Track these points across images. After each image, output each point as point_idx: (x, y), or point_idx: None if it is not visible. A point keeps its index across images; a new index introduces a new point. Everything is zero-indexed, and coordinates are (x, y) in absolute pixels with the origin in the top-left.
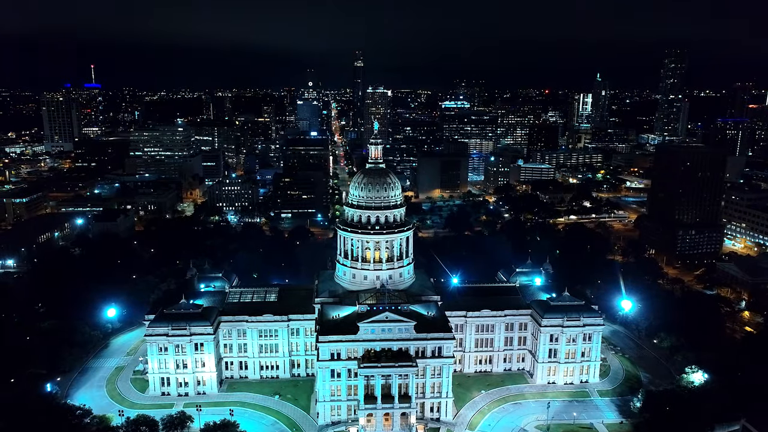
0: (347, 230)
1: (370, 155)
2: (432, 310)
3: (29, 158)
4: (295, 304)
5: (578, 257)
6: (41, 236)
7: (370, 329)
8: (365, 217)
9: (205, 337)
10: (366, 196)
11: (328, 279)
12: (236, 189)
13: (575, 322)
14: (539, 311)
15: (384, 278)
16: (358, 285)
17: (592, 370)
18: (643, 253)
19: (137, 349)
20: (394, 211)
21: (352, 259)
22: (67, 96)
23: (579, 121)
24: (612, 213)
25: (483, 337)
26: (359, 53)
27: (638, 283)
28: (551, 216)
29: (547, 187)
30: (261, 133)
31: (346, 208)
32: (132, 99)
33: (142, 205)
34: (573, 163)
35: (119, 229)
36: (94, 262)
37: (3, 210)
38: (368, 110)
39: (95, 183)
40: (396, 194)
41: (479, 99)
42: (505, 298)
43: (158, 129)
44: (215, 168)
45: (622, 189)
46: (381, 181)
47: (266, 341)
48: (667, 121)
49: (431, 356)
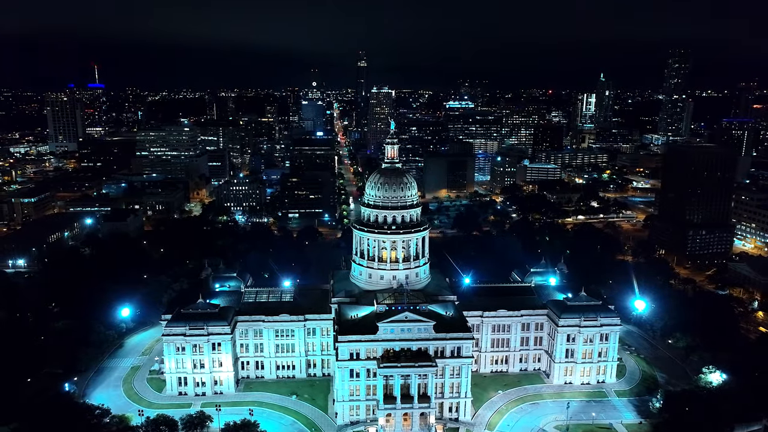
0: (363, 230)
1: (386, 155)
2: (450, 310)
3: (34, 158)
4: (311, 304)
5: (588, 257)
6: (51, 236)
7: (389, 329)
8: (382, 216)
9: (222, 336)
10: (383, 196)
11: (344, 279)
12: (244, 189)
13: (592, 322)
14: (556, 311)
15: (400, 278)
16: (374, 285)
17: (609, 370)
18: (653, 253)
19: (152, 348)
20: (410, 210)
21: (369, 258)
22: (71, 96)
23: (582, 121)
24: (620, 213)
25: (499, 337)
26: (362, 53)
27: (650, 283)
28: (559, 216)
29: (553, 187)
30: (264, 133)
31: (362, 208)
32: (135, 99)
33: (150, 205)
34: (578, 164)
35: (129, 228)
36: (105, 262)
37: (12, 210)
38: (372, 110)
39: (102, 183)
40: (412, 194)
41: (482, 99)
42: (520, 298)
43: (164, 129)
44: (221, 168)
45: (629, 189)
46: (398, 181)
47: (282, 341)
48: (671, 121)
49: (450, 356)
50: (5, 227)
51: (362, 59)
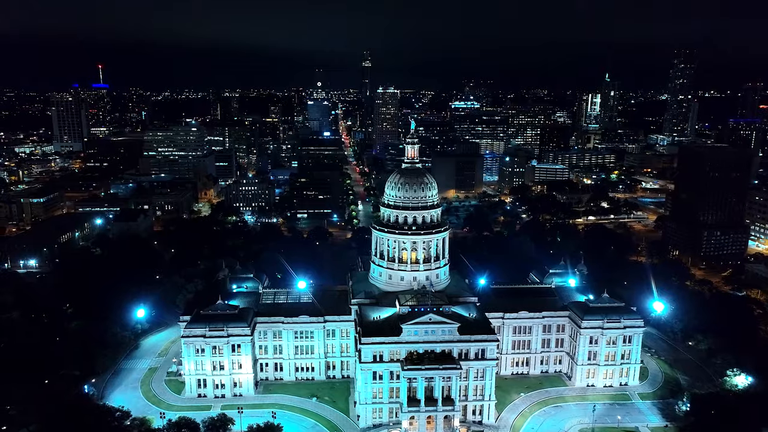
0: (383, 231)
1: (405, 155)
2: (472, 312)
3: (39, 158)
4: (330, 305)
5: (602, 258)
6: (62, 236)
7: (413, 331)
8: (402, 217)
9: (242, 338)
10: (403, 197)
11: (362, 280)
12: (253, 189)
13: (615, 324)
14: (578, 313)
15: (421, 279)
16: (394, 286)
17: (632, 372)
18: (667, 254)
19: (168, 350)
20: (431, 211)
21: (389, 260)
22: (76, 96)
23: (587, 121)
24: (631, 214)
25: (520, 339)
26: (367, 53)
27: (666, 285)
28: (569, 217)
29: (562, 187)
30: (269, 133)
31: (381, 209)
32: (138, 99)
33: (159, 205)
34: (585, 164)
35: (139, 229)
36: (117, 262)
37: (21, 210)
38: (378, 110)
39: (109, 183)
40: (433, 194)
41: (487, 99)
42: (541, 300)
43: (172, 129)
44: (228, 168)
45: (638, 189)
46: (418, 181)
47: (302, 343)
48: (677, 121)
49: (474, 358)
50: (14, 227)
51: (367, 59)
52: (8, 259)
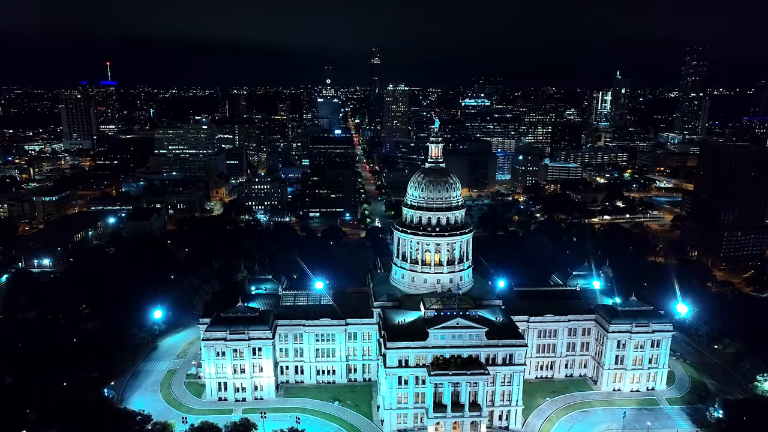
0: (406, 232)
1: (429, 154)
2: (498, 315)
3: (49, 156)
4: (352, 307)
5: (620, 259)
6: (75, 235)
7: (440, 335)
8: (425, 218)
9: (263, 341)
10: (426, 197)
11: (383, 282)
12: (265, 188)
13: (644, 328)
14: (605, 317)
15: (445, 282)
16: (417, 288)
17: (659, 377)
18: (686, 254)
19: (186, 351)
20: (455, 212)
21: (411, 262)
22: (85, 93)
23: (597, 119)
24: (647, 213)
25: (545, 342)
26: (376, 50)
27: (686, 286)
28: (584, 216)
29: (576, 186)
30: (278, 130)
31: (404, 209)
32: (147, 97)
33: (172, 203)
34: (598, 162)
35: (153, 227)
36: (132, 261)
37: (33, 208)
38: (388, 108)
39: (121, 181)
40: (457, 195)
41: (495, 97)
42: (566, 303)
43: (182, 127)
44: (239, 166)
45: (652, 188)
46: (442, 181)
47: (323, 345)
48: (688, 119)
49: (502, 363)
50: (27, 226)
51: (376, 56)
52: (22, 258)
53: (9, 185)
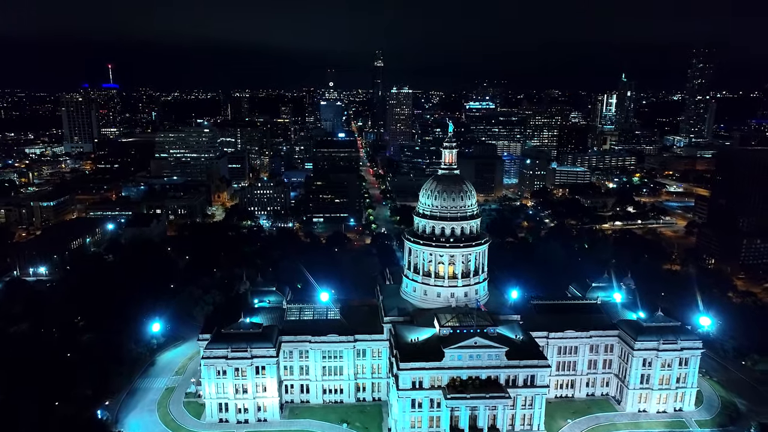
0: (418, 243)
1: (443, 160)
2: (517, 332)
3: (49, 159)
4: (360, 322)
5: (635, 267)
6: (73, 242)
7: (456, 355)
8: (439, 228)
9: (267, 359)
10: (440, 206)
11: (393, 294)
12: (268, 193)
13: (672, 345)
14: (630, 333)
15: (459, 296)
16: (430, 303)
17: (688, 397)
18: (703, 262)
19: (185, 367)
20: (470, 222)
21: (424, 274)
22: (87, 96)
23: (602, 122)
24: (660, 219)
25: (565, 359)
26: (379, 53)
27: (707, 297)
28: (595, 222)
29: (586, 191)
30: (280, 134)
31: (415, 218)
32: (149, 100)
33: (172, 208)
34: (605, 166)
35: (152, 234)
36: (130, 269)
37: (31, 214)
38: (392, 111)
39: (121, 185)
40: (472, 203)
41: (499, 100)
42: (587, 317)
43: (184, 130)
44: (241, 170)
45: (663, 193)
46: (456, 189)
47: (330, 363)
48: (694, 122)
49: (523, 385)
50: (24, 231)
51: (379, 59)
52: (17, 266)
53: (8, 189)
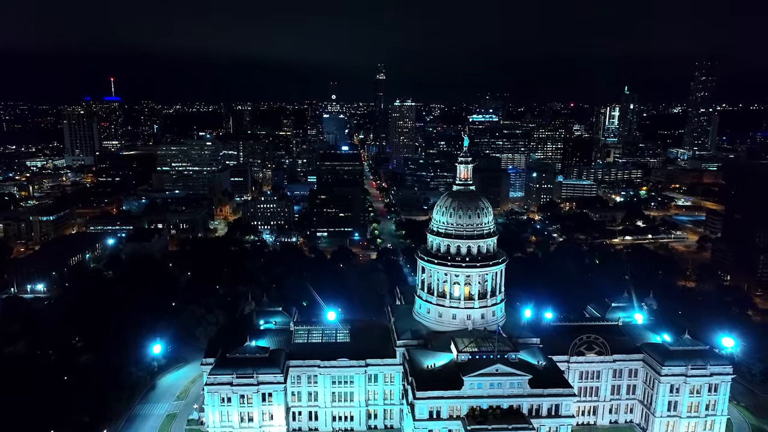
0: (433, 262)
1: (458, 175)
2: (539, 357)
3: (50, 172)
4: (371, 345)
5: (649, 284)
6: (72, 258)
7: (476, 383)
8: (454, 247)
9: (274, 386)
10: (455, 224)
11: (405, 316)
12: (272, 207)
13: (701, 370)
14: (656, 357)
15: (475, 318)
16: (445, 325)
17: (717, 425)
18: (718, 279)
19: (188, 391)
20: (487, 240)
21: (438, 295)
22: (88, 109)
23: (605, 135)
24: (671, 233)
25: (587, 385)
26: (381, 66)
27: (726, 315)
28: (604, 236)
29: (593, 205)
30: (282, 147)
31: (429, 236)
32: (150, 112)
33: (174, 223)
34: (611, 179)
35: (153, 249)
36: (130, 287)
37: (30, 228)
38: (395, 124)
39: (122, 199)
40: (489, 221)
41: (503, 113)
42: (609, 340)
43: (186, 143)
44: (243, 183)
45: (672, 207)
46: (473, 205)
47: (340, 389)
48: (697, 135)
49: (547, 415)
50: (23, 246)
51: (381, 72)
52: (14, 282)
53: (7, 203)
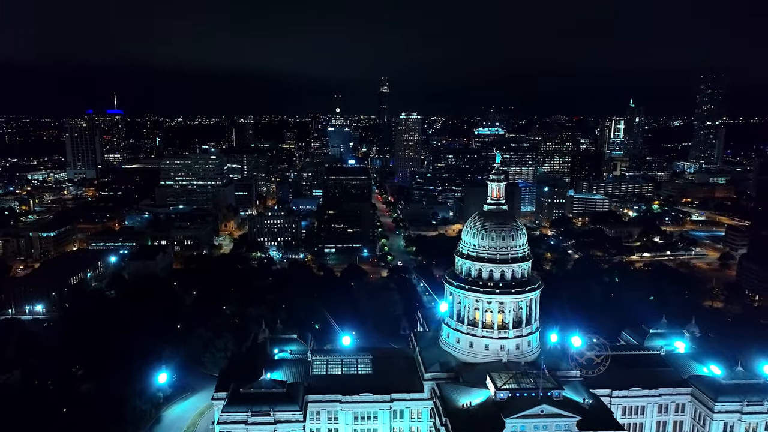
0: (464, 288)
1: (489, 195)
2: (582, 394)
3: (52, 185)
4: (396, 378)
5: (676, 304)
6: (72, 277)
7: (519, 426)
8: (486, 271)
9: (293, 425)
10: (487, 246)
11: (431, 345)
12: (279, 222)
13: (758, 407)
14: (708, 392)
15: (510, 348)
16: (477, 356)
17: None
18: (745, 298)
19: (196, 425)
20: (522, 264)
21: (469, 324)
22: (91, 122)
23: (610, 148)
24: (690, 250)
25: (630, 421)
26: (385, 79)
27: (764, 338)
28: (621, 253)
29: (607, 220)
30: (285, 160)
31: (458, 260)
32: (152, 125)
33: (178, 239)
34: (621, 193)
35: (157, 268)
36: (133, 308)
37: (30, 244)
38: (401, 137)
39: (124, 214)
40: (523, 243)
41: (506, 125)
42: (653, 372)
43: (190, 157)
44: (248, 198)
45: (687, 222)
46: (506, 227)
47: (363, 426)
48: (704, 148)
49: None
50: (22, 264)
51: (385, 85)
52: (13, 303)
53: (7, 218)
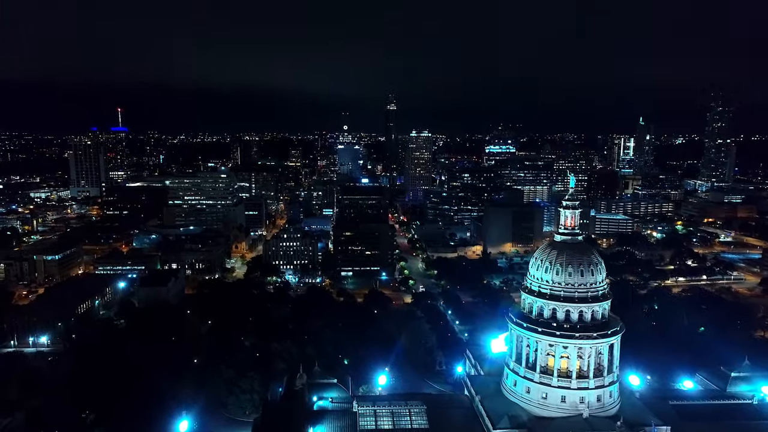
0: (536, 330)
1: (562, 223)
2: None
3: (55, 204)
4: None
5: (727, 337)
6: (79, 306)
7: None
8: (562, 312)
9: None
10: (562, 282)
11: (493, 394)
12: (295, 245)
13: None
14: None
15: (590, 401)
16: (552, 410)
17: None
18: None
19: None
20: (602, 303)
21: (541, 371)
22: (95, 139)
23: (620, 166)
24: (729, 274)
25: None
26: (392, 96)
27: None
28: (655, 277)
29: (634, 241)
30: (291, 178)
31: (525, 297)
32: (156, 143)
33: (190, 263)
34: (641, 213)
35: (169, 294)
36: (145, 339)
37: (33, 268)
38: (411, 155)
39: (131, 235)
40: (602, 279)
41: (515, 142)
42: (746, 425)
43: (198, 175)
44: (258, 217)
45: (716, 243)
46: (584, 260)
47: None
48: (715, 166)
49: None
50: (26, 289)
51: (392, 102)
52: (15, 335)
53: (9, 239)
